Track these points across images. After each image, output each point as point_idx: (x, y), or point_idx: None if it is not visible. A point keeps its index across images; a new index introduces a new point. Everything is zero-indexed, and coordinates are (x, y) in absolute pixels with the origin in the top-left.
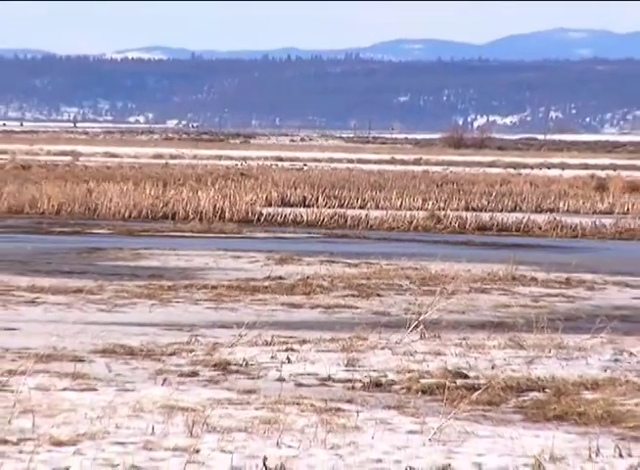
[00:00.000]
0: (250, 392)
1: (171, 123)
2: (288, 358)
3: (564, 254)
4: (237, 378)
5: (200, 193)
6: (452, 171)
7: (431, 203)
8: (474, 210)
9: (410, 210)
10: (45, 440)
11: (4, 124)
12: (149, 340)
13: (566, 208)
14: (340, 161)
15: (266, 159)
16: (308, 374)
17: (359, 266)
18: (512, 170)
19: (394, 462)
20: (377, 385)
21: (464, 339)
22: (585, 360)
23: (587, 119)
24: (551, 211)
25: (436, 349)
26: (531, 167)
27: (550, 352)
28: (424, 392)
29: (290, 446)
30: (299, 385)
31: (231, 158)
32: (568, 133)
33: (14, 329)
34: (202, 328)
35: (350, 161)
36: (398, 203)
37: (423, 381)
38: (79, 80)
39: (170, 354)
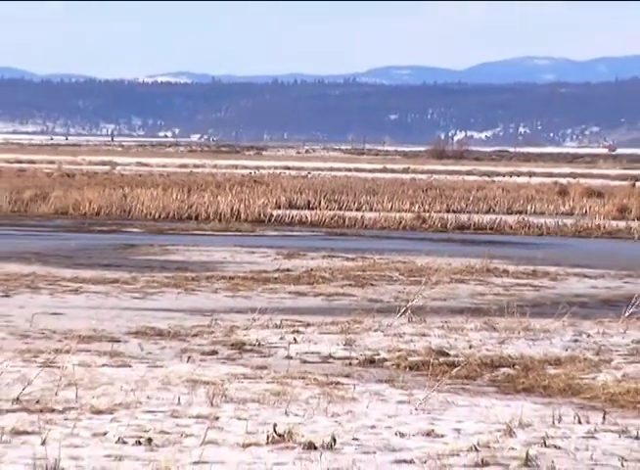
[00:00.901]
0: (262, 368)
1: (194, 137)
2: (294, 339)
3: (531, 249)
4: (251, 356)
5: (219, 197)
6: (435, 179)
7: (417, 206)
8: (454, 211)
9: (399, 211)
10: (86, 409)
11: (51, 138)
12: (175, 323)
13: (532, 210)
14: (339, 169)
15: (276, 168)
16: (312, 353)
17: (356, 260)
18: (486, 178)
19: (386, 428)
20: (371, 362)
21: (445, 322)
22: (549, 341)
23: (551, 134)
24: (520, 212)
25: (422, 331)
26: (503, 175)
27: (519, 333)
28: (411, 368)
29: (296, 415)
30: (304, 362)
31: (245, 167)
32: (534, 146)
33: (60, 314)
34: (220, 313)
35: (348, 169)
36: (389, 206)
37: (410, 358)
38: (116, 101)
39: (194, 336)
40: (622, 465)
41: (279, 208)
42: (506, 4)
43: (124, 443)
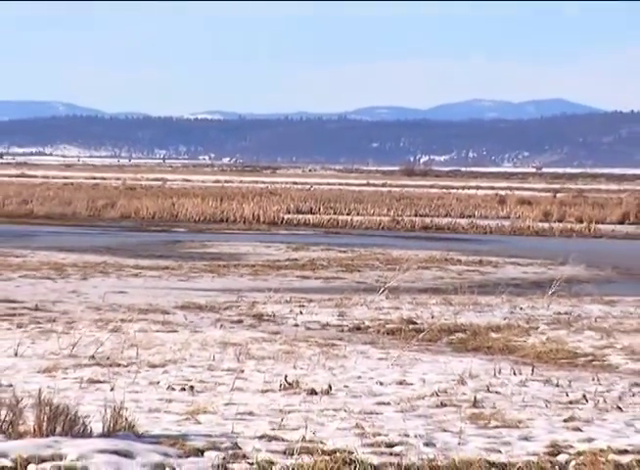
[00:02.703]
0: (275, 333)
1: (225, 160)
2: (300, 311)
3: (478, 244)
4: (267, 324)
5: (244, 205)
6: (406, 191)
7: (392, 211)
8: (420, 215)
9: (379, 216)
10: (144, 364)
11: (118, 161)
12: (211, 299)
13: (479, 214)
14: (334, 184)
15: (286, 183)
16: (314, 322)
17: (346, 252)
18: (445, 190)
19: (369, 378)
20: (358, 329)
21: (414, 299)
22: (492, 313)
23: (493, 158)
24: (470, 216)
25: (396, 305)
26: (457, 188)
27: (469, 307)
28: (388, 333)
29: (302, 368)
30: (308, 329)
31: (263, 182)
32: (480, 167)
33: (124, 292)
34: (245, 292)
35: (340, 184)
36: (371, 211)
37: (387, 326)
38: (167, 132)
39: (225, 309)
40: (546, 406)
41: (289, 213)
42: (462, 59)
43: (172, 389)
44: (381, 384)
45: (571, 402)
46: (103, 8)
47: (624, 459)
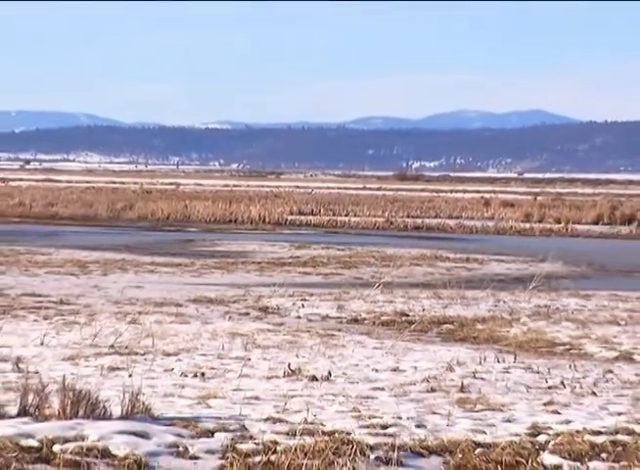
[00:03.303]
0: (280, 324)
1: (234, 166)
2: (302, 305)
3: (465, 243)
4: (272, 316)
5: (250, 207)
6: (399, 194)
7: (386, 213)
8: (412, 217)
9: (374, 217)
10: (159, 352)
11: (136, 167)
12: (220, 293)
13: (466, 215)
14: (333, 188)
15: (289, 187)
16: (314, 314)
17: (344, 250)
18: (434, 194)
19: (365, 366)
20: (355, 320)
21: (406, 293)
22: (477, 305)
23: (478, 164)
24: (457, 217)
25: (390, 299)
26: (446, 192)
27: (457, 300)
28: (382, 324)
29: (303, 357)
30: (309, 320)
31: (268, 186)
32: (467, 172)
33: (141, 287)
34: (251, 286)
35: (339, 188)
36: (367, 213)
37: (382, 318)
38: (180, 141)
39: (233, 302)
40: (527, 391)
41: (292, 214)
42: (450, 73)
43: (185, 376)
44: (376, 371)
45: (549, 388)
46: (117, 27)
47: (599, 440)
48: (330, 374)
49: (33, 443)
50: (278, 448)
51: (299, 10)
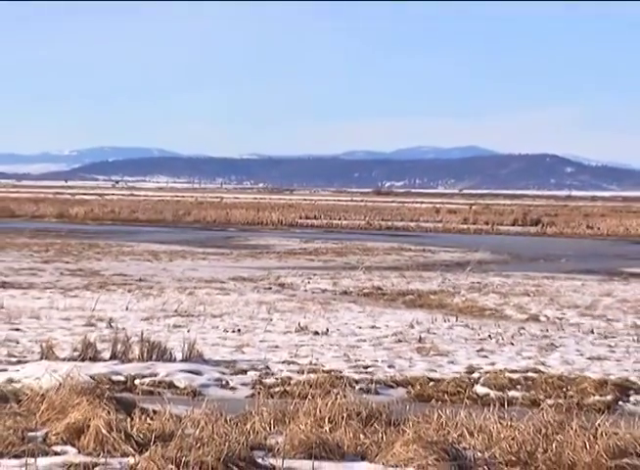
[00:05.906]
0: (293, 295)
1: (260, 185)
2: (308, 281)
3: (422, 239)
4: (287, 290)
5: (272, 213)
6: (376, 205)
7: (367, 217)
8: (385, 220)
9: (358, 220)
10: (208, 315)
11: (192, 185)
12: (251, 274)
13: (423, 219)
14: (330, 200)
15: (299, 200)
16: (317, 288)
17: (338, 244)
18: (401, 204)
19: (352, 324)
20: (345, 292)
21: (381, 273)
22: (431, 282)
23: (431, 183)
24: (416, 221)
25: (369, 277)
26: (409, 203)
27: (416, 279)
28: (364, 295)
29: (309, 318)
30: (313, 293)
31: (285, 199)
32: (423, 189)
33: (196, 269)
34: (273, 269)
35: (334, 200)
36: (354, 217)
37: (364, 291)
38: (223, 167)
39: (260, 280)
40: (465, 342)
41: (301, 218)
42: (411, 116)
43: (226, 331)
44: (359, 328)
45: (481, 339)
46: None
47: (515, 376)
48: (327, 330)
49: (121, 378)
50: (291, 382)
51: (299, 67)
